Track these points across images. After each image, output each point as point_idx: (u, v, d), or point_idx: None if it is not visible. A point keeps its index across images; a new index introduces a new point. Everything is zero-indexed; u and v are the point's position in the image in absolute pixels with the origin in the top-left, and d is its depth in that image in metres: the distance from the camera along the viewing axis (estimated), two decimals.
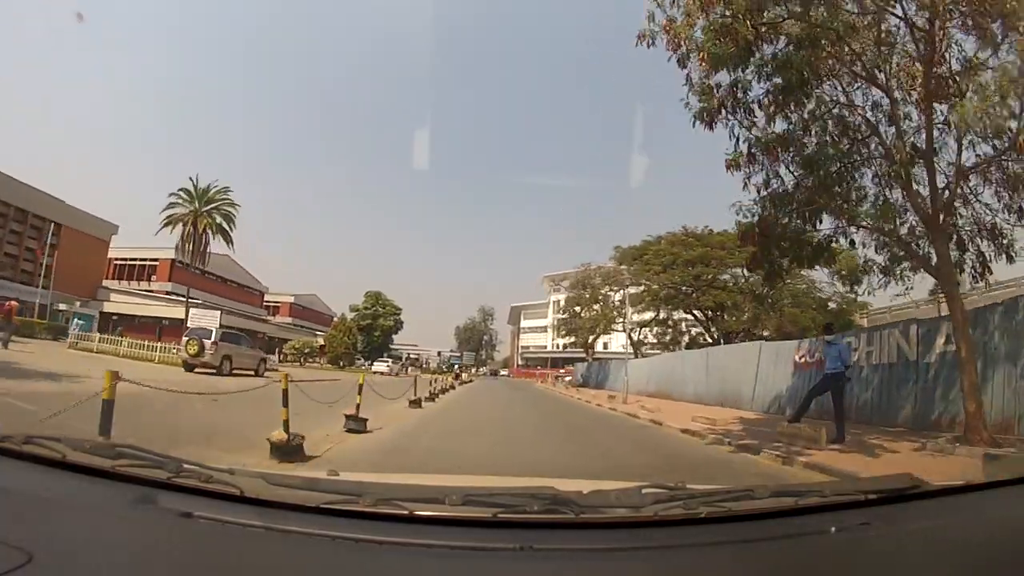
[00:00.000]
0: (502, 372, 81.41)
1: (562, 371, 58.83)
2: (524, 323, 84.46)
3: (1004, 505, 1.24)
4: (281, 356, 40.65)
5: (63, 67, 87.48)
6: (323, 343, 45.53)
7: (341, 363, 43.76)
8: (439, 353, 73.39)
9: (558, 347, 74.30)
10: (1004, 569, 0.97)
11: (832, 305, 28.14)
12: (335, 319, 53.06)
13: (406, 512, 1.04)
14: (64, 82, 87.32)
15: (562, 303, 74.21)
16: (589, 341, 39.50)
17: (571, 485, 1.44)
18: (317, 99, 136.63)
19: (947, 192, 7.73)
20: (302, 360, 40.03)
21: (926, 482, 1.25)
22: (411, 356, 71.46)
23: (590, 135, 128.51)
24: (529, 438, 8.81)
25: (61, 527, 0.93)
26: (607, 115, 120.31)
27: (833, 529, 1.09)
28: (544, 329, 79.56)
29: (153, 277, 48.12)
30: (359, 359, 49.46)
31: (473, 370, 65.48)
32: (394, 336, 63.86)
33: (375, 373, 37.16)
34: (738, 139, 8.02)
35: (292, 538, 0.97)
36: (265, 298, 62.22)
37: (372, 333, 57.53)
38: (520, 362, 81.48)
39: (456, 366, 53.47)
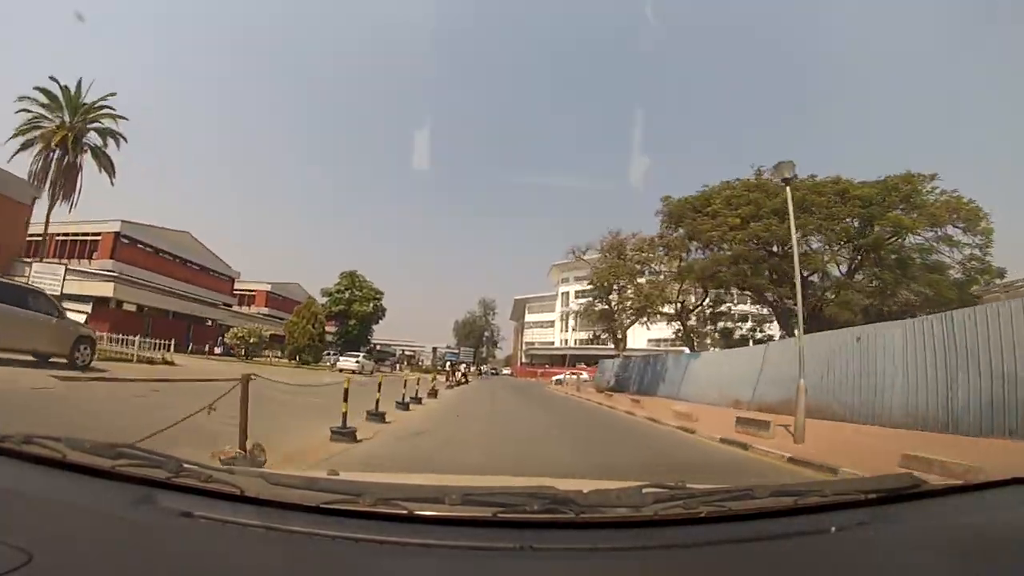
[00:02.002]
0: (504, 371, 73.57)
1: (571, 370, 50.25)
2: (529, 317, 76.71)
3: (1004, 505, 1.24)
4: (221, 347, 31.92)
5: (58, 57, 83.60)
6: (283, 333, 37.42)
7: (302, 358, 35.48)
8: (434, 350, 63.74)
9: (566, 342, 66.50)
10: (1004, 569, 0.96)
11: (956, 274, 20.32)
12: (299, 304, 41.85)
13: (406, 512, 1.03)
14: (57, 70, 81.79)
15: (573, 292, 65.82)
16: (625, 330, 30.11)
17: (571, 485, 1.43)
18: (317, 95, 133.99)
19: None
20: (245, 352, 31.21)
21: (926, 482, 1.25)
22: (406, 353, 63.07)
23: (591, 130, 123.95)
24: None
25: (61, 527, 0.93)
26: (607, 109, 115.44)
27: (833, 529, 1.08)
28: (551, 323, 71.86)
29: (95, 254, 40.02)
30: (331, 353, 40.62)
31: (472, 368, 56.65)
32: (375, 326, 52.93)
33: (341, 371, 28.78)
34: None
35: (292, 538, 0.96)
36: (238, 286, 55.32)
37: (346, 321, 47.53)
38: (524, 359, 73.51)
39: (449, 363, 41.12)
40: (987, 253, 19.58)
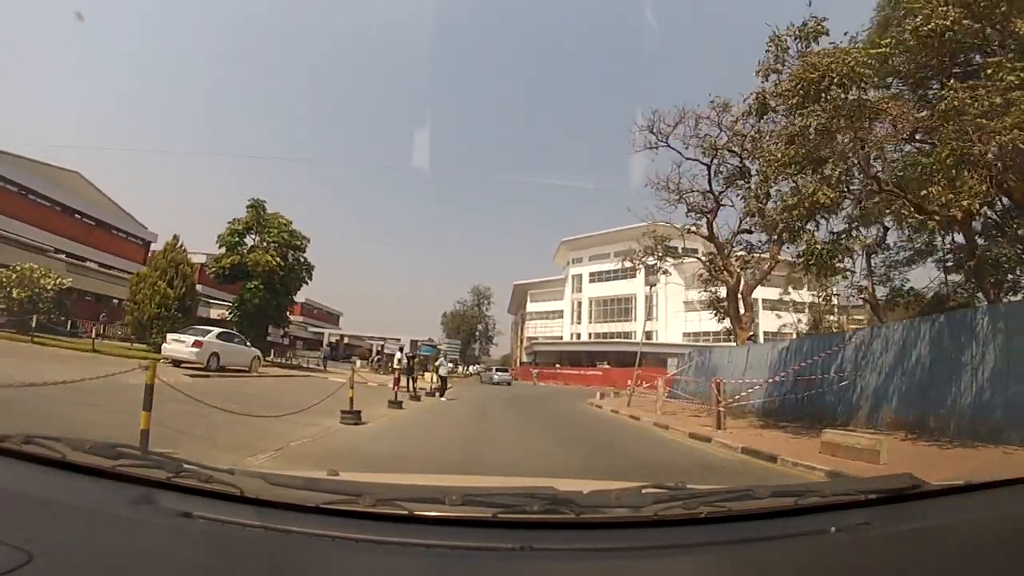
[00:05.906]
0: (498, 372, 59.38)
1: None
2: (532, 307, 64.04)
3: (1004, 505, 1.22)
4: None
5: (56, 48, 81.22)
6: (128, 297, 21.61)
7: (142, 335, 20.60)
8: (413, 343, 49.36)
9: (578, 336, 53.89)
10: (1004, 569, 0.95)
11: None
12: (152, 253, 26.22)
13: (406, 512, 1.03)
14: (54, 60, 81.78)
15: (587, 275, 52.66)
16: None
17: (571, 485, 1.45)
18: (305, 84, 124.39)
19: None
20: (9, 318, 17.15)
21: (926, 482, 1.22)
22: (384, 348, 50.50)
23: (587, 122, 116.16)
24: None
25: (61, 527, 0.92)
26: (603, 95, 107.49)
27: (833, 529, 1.07)
28: (559, 314, 59.30)
29: None
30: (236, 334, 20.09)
31: (457, 368, 43.60)
32: (301, 291, 30.68)
33: (179, 364, 14.68)
34: None
35: (292, 538, 0.95)
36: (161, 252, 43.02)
37: (244, 283, 26.00)
38: (525, 357, 60.72)
39: (408, 359, 14.72)
40: None
